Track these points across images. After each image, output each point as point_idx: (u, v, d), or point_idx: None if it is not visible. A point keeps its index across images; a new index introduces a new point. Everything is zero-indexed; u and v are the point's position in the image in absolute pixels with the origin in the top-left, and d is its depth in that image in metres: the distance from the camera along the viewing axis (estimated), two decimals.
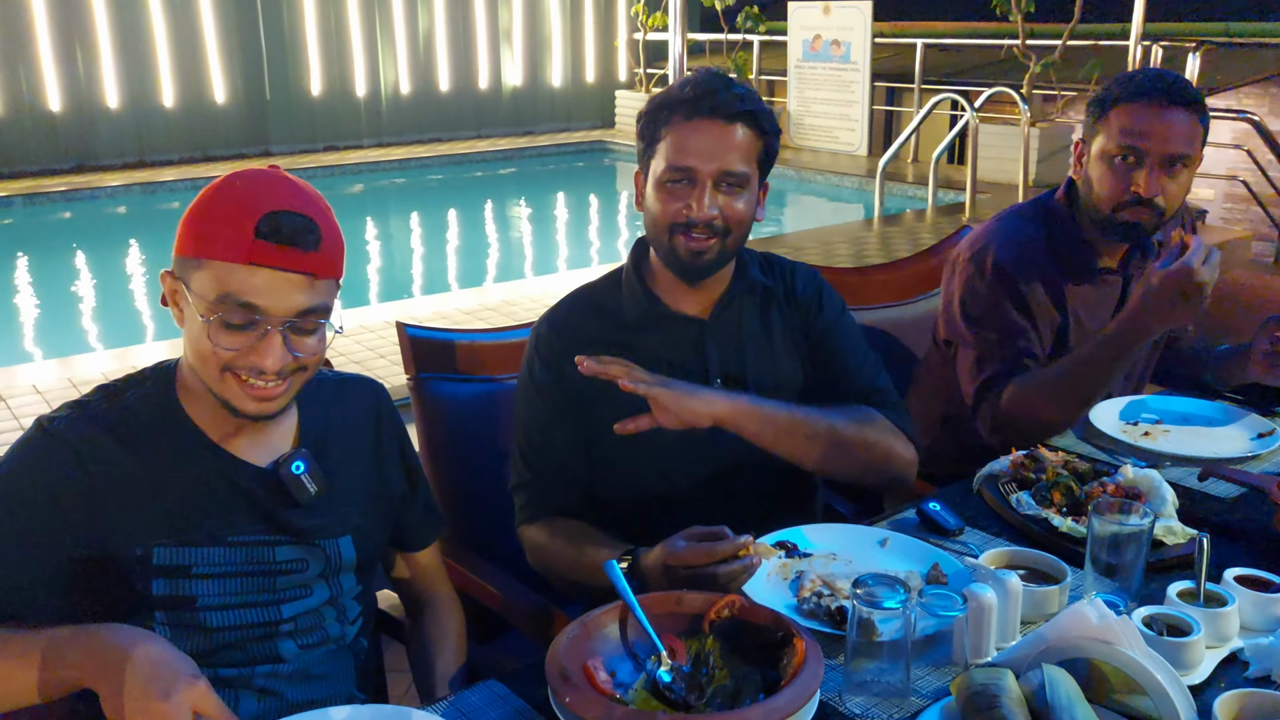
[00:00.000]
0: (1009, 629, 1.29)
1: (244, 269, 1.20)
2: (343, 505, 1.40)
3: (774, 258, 1.80)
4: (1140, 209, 1.92)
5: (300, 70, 10.34)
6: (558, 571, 1.61)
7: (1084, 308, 2.04)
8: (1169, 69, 6.99)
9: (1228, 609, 1.30)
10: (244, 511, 1.32)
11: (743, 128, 1.57)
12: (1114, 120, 1.93)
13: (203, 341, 1.23)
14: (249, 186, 1.24)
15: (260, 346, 1.23)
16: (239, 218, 1.20)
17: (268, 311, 1.22)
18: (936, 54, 9.75)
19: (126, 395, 1.31)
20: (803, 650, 1.15)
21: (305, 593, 1.37)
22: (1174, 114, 1.89)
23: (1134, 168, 1.91)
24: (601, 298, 1.71)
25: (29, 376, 4.13)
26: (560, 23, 11.99)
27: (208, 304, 1.21)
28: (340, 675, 1.43)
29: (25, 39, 8.91)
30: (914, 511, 1.65)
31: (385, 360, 4.06)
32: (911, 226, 6.73)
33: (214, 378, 1.25)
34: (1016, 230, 2.05)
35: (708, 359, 1.67)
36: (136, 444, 1.28)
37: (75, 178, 8.95)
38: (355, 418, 1.47)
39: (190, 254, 1.23)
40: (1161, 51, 7.06)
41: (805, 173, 9.35)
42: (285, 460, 1.33)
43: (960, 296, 2.05)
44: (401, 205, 9.82)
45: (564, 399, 1.64)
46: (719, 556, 1.30)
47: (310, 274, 1.23)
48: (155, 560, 1.27)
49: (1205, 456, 1.82)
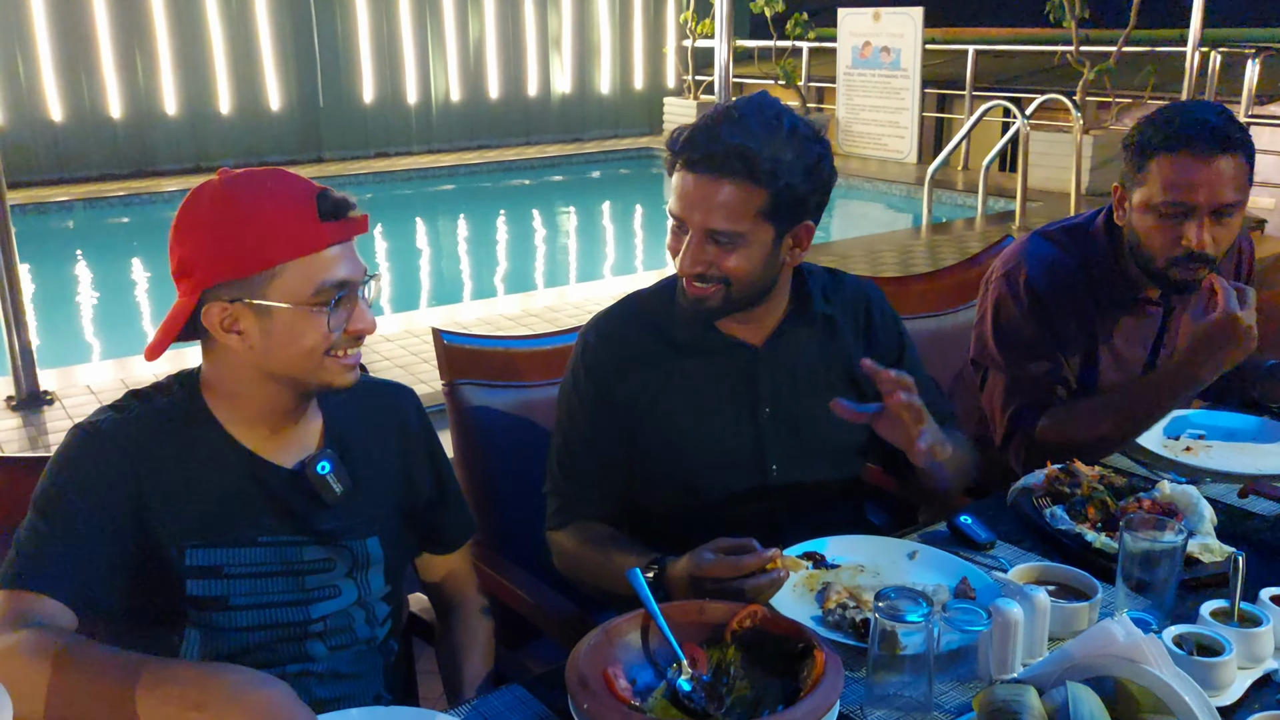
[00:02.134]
0: (1036, 645, 1.28)
1: (324, 254, 1.25)
2: (369, 506, 1.42)
3: (843, 278, 1.75)
4: (1193, 265, 1.83)
5: (353, 78, 10.50)
6: (584, 577, 1.61)
7: (1121, 337, 1.99)
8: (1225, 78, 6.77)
9: (1262, 629, 1.27)
10: (272, 512, 1.35)
11: (731, 185, 1.45)
12: (1156, 171, 1.82)
13: (311, 336, 1.26)
14: (276, 187, 1.26)
15: (357, 314, 1.30)
16: (297, 212, 1.24)
17: (352, 281, 1.28)
18: (988, 60, 9.64)
19: (156, 400, 1.34)
20: (822, 662, 1.15)
21: (334, 592, 1.39)
22: (1220, 162, 1.78)
23: (1183, 219, 1.81)
24: (654, 311, 1.65)
25: (85, 377, 4.24)
26: (609, 30, 12.04)
27: (309, 298, 1.24)
28: (369, 676, 1.45)
29: (87, 48, 9.16)
30: (945, 524, 1.63)
31: (429, 365, 4.11)
32: (960, 235, 6.66)
33: (315, 366, 1.29)
34: (1050, 254, 2.00)
35: (758, 389, 1.63)
36: (172, 445, 1.30)
37: (134, 183, 9.17)
38: (384, 421, 1.48)
39: (254, 270, 1.23)
40: (1219, 58, 6.92)
41: (853, 180, 9.29)
42: (311, 461, 1.36)
43: (992, 317, 2.01)
44: (450, 211, 9.93)
45: (607, 411, 1.63)
46: (746, 570, 1.30)
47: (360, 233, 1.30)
48: (188, 561, 1.30)
49: (1247, 473, 1.78)
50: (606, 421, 1.63)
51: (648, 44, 12.31)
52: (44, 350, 4.39)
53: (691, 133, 1.49)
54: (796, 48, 10.52)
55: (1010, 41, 9.89)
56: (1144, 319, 2.00)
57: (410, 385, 1.58)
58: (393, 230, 8.88)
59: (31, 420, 3.74)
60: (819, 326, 1.67)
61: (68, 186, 8.98)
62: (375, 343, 4.47)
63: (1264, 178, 6.95)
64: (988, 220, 6.95)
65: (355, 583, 1.42)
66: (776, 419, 1.64)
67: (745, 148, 1.45)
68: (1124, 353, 2.00)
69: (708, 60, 11.09)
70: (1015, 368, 1.97)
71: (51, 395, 3.92)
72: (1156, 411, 1.86)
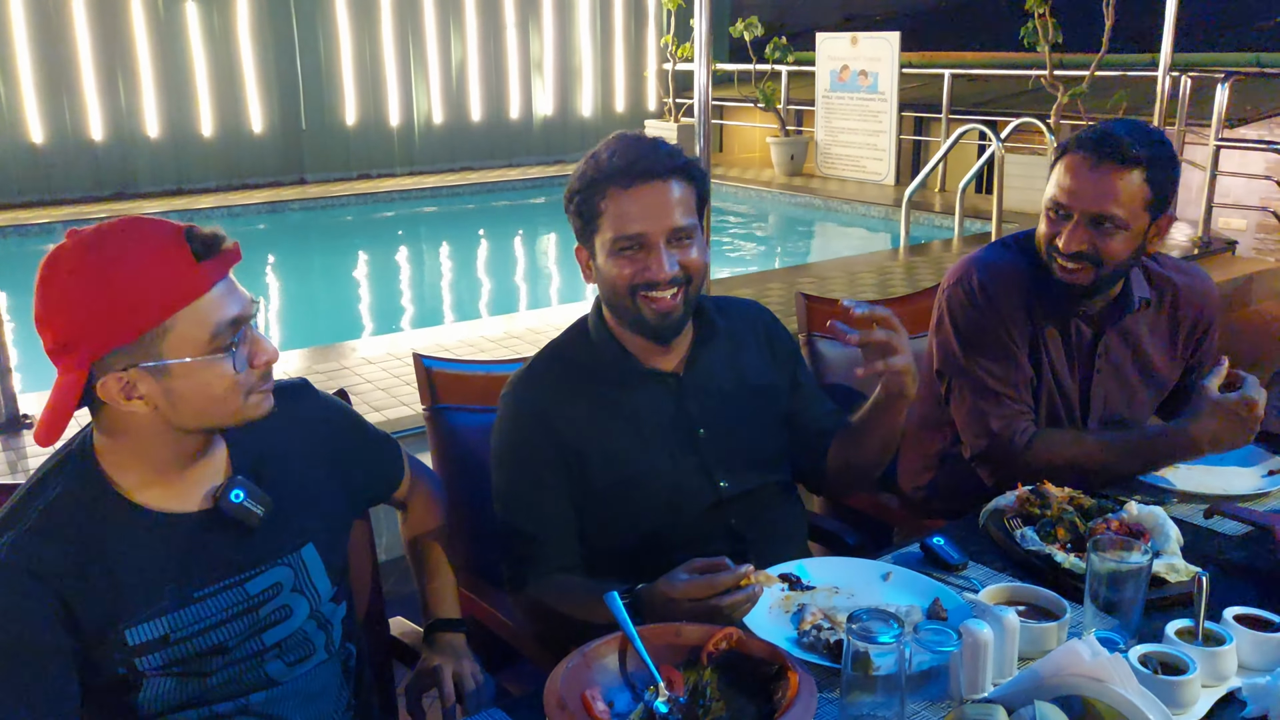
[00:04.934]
0: (1006, 665, 1.31)
1: (210, 295, 1.19)
2: (297, 517, 1.40)
3: (722, 299, 1.82)
4: (1066, 264, 1.89)
5: (335, 100, 10.53)
6: (560, 621, 1.58)
7: (1055, 348, 2.03)
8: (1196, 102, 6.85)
9: (1225, 648, 1.30)
10: (198, 564, 1.30)
11: (678, 182, 1.57)
12: (1055, 171, 1.91)
13: (221, 382, 1.22)
14: (136, 235, 1.19)
15: (258, 347, 1.25)
16: (171, 261, 1.17)
17: (243, 315, 1.24)
18: (964, 84, 9.76)
19: (49, 491, 1.25)
20: (796, 684, 1.17)
21: (286, 613, 1.38)
22: (1106, 172, 1.83)
23: (1061, 221, 1.89)
24: (576, 355, 1.70)
25: None
26: (591, 53, 12.13)
27: (207, 345, 1.20)
28: (333, 687, 1.45)
29: (69, 69, 9.15)
30: (918, 546, 1.66)
31: (410, 388, 4.10)
32: (938, 256, 6.72)
33: (237, 409, 1.26)
34: (999, 256, 2.05)
35: (690, 413, 1.68)
36: (78, 538, 1.23)
37: (115, 205, 9.14)
38: (292, 429, 1.43)
39: (142, 331, 1.17)
40: (1190, 82, 7.04)
41: (832, 202, 9.38)
42: (223, 491, 1.30)
43: (950, 322, 2.04)
44: (433, 232, 9.94)
45: (549, 462, 1.63)
46: (721, 588, 1.33)
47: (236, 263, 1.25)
48: (131, 640, 1.25)
49: (1214, 493, 1.82)
50: (555, 474, 1.64)
51: (629, 67, 12.41)
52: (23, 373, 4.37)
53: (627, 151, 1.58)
54: (775, 71, 10.62)
55: (985, 66, 10.01)
56: (1072, 335, 2.03)
57: (392, 407, 1.60)
58: (375, 252, 8.89)
59: (11, 444, 3.72)
60: (724, 341, 1.74)
61: (48, 208, 8.94)
62: (357, 365, 4.47)
63: (1235, 199, 7.06)
64: (965, 241, 7.02)
65: (304, 596, 1.40)
66: (712, 437, 1.69)
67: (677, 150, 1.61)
68: (1056, 364, 2.03)
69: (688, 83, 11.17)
70: (978, 368, 1.99)
71: (31, 419, 3.90)
72: (1145, 465, 1.90)
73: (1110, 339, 2.04)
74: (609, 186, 1.56)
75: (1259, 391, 1.78)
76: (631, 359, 1.67)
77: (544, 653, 1.66)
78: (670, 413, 1.68)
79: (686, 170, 1.59)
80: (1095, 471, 1.88)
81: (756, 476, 1.72)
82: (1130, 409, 2.09)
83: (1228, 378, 1.83)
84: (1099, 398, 2.06)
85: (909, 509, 2.25)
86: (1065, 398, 2.05)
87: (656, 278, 1.56)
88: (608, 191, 1.56)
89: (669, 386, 1.69)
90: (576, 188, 1.60)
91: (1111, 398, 2.07)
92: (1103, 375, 2.05)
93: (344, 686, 1.48)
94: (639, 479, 1.65)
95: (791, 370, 1.81)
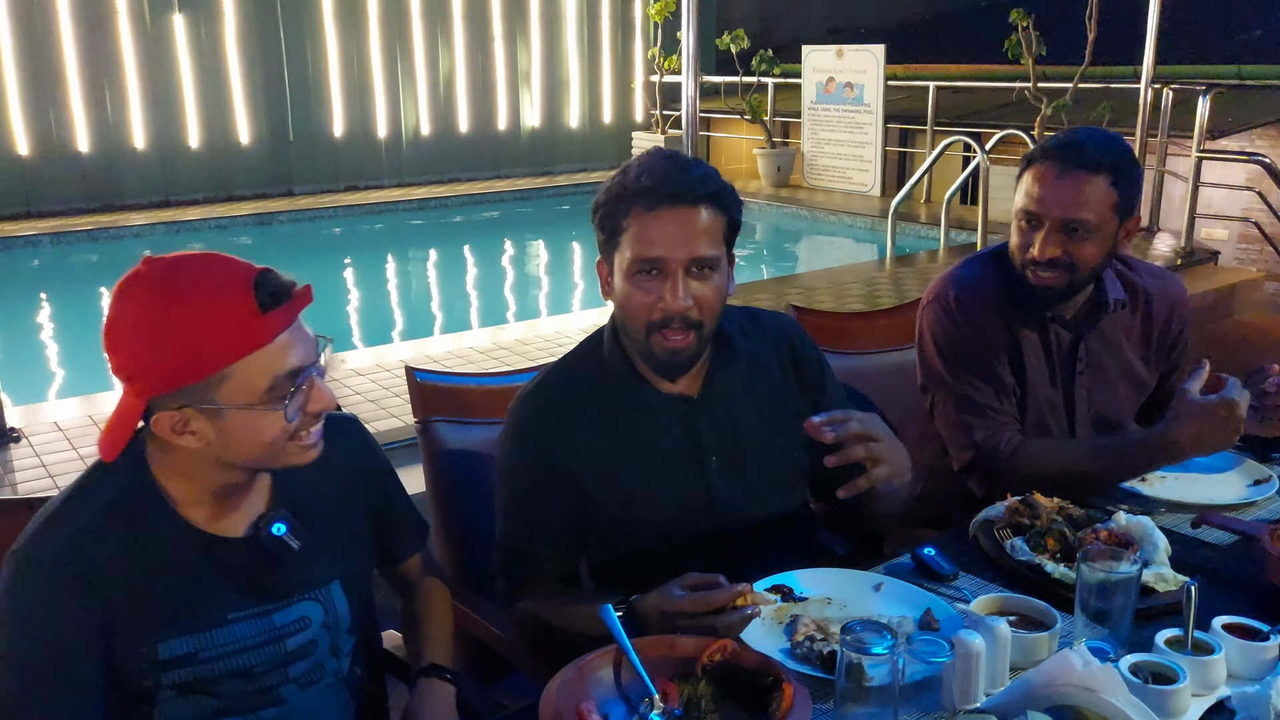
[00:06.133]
0: (998, 675, 1.31)
1: (272, 345, 1.19)
2: (327, 553, 1.41)
3: (758, 314, 1.77)
4: (1040, 270, 1.92)
5: (323, 112, 10.52)
6: (553, 635, 1.57)
7: (1032, 355, 2.05)
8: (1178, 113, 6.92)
9: (1214, 657, 1.31)
10: (235, 587, 1.32)
11: (706, 210, 1.51)
12: (1023, 181, 1.94)
13: (270, 430, 1.22)
14: (206, 281, 1.19)
15: (315, 394, 1.25)
16: (234, 309, 1.17)
17: (305, 364, 1.23)
18: (949, 96, 9.81)
19: (106, 491, 1.26)
20: (790, 695, 1.18)
21: (311, 649, 1.39)
22: (1074, 178, 1.87)
23: (1034, 230, 1.92)
24: (586, 376, 1.66)
25: (53, 414, 4.20)
26: (578, 65, 12.16)
27: (262, 396, 1.20)
28: (335, 705, 1.46)
29: (55, 82, 9.11)
30: (909, 556, 1.67)
31: (400, 400, 4.09)
32: (924, 267, 6.76)
33: (277, 453, 1.26)
34: (971, 274, 2.08)
35: (701, 440, 1.64)
36: (126, 542, 1.25)
37: (101, 217, 9.10)
38: (334, 463, 1.42)
39: (201, 378, 1.18)
40: (1172, 94, 7.10)
41: (818, 213, 9.42)
42: (265, 522, 1.33)
43: (931, 337, 2.07)
44: (421, 244, 9.94)
45: (553, 482, 1.61)
46: (716, 605, 1.32)
47: (301, 314, 1.25)
48: (162, 655, 1.27)
49: (1200, 503, 1.84)
50: (553, 493, 1.61)
51: (616, 79, 12.44)
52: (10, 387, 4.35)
53: (656, 172, 1.52)
54: (762, 83, 10.66)
55: (970, 78, 10.07)
56: (1050, 339, 2.05)
57: (381, 419, 1.61)
58: (363, 264, 8.88)
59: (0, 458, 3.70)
60: (744, 365, 1.67)
61: (34, 221, 8.89)
62: (346, 377, 4.46)
63: (1217, 210, 7.12)
64: (950, 252, 7.05)
65: (328, 630, 1.42)
66: (724, 466, 1.65)
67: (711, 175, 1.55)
68: (1037, 371, 2.05)
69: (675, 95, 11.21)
70: (961, 382, 2.01)
71: (19, 432, 3.88)
72: (1130, 470, 1.91)
73: (1089, 342, 2.06)
74: (634, 206, 1.51)
75: (1240, 393, 1.79)
76: (643, 381, 1.62)
77: (538, 666, 1.66)
78: (680, 439, 1.63)
79: (718, 198, 1.52)
80: (1081, 478, 1.90)
81: (765, 506, 1.68)
82: (1116, 409, 2.12)
83: (1209, 381, 1.85)
84: (1084, 401, 2.09)
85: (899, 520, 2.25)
86: (1050, 404, 2.07)
87: (670, 308, 1.51)
88: (632, 211, 1.52)
89: (682, 411, 1.64)
90: (602, 200, 1.57)
91: (1096, 400, 2.09)
92: (1085, 378, 2.08)
93: (348, 707, 1.49)
94: (639, 507, 1.62)
95: (815, 395, 1.72)
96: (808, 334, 1.80)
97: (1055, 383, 2.07)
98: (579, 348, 1.71)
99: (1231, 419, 1.78)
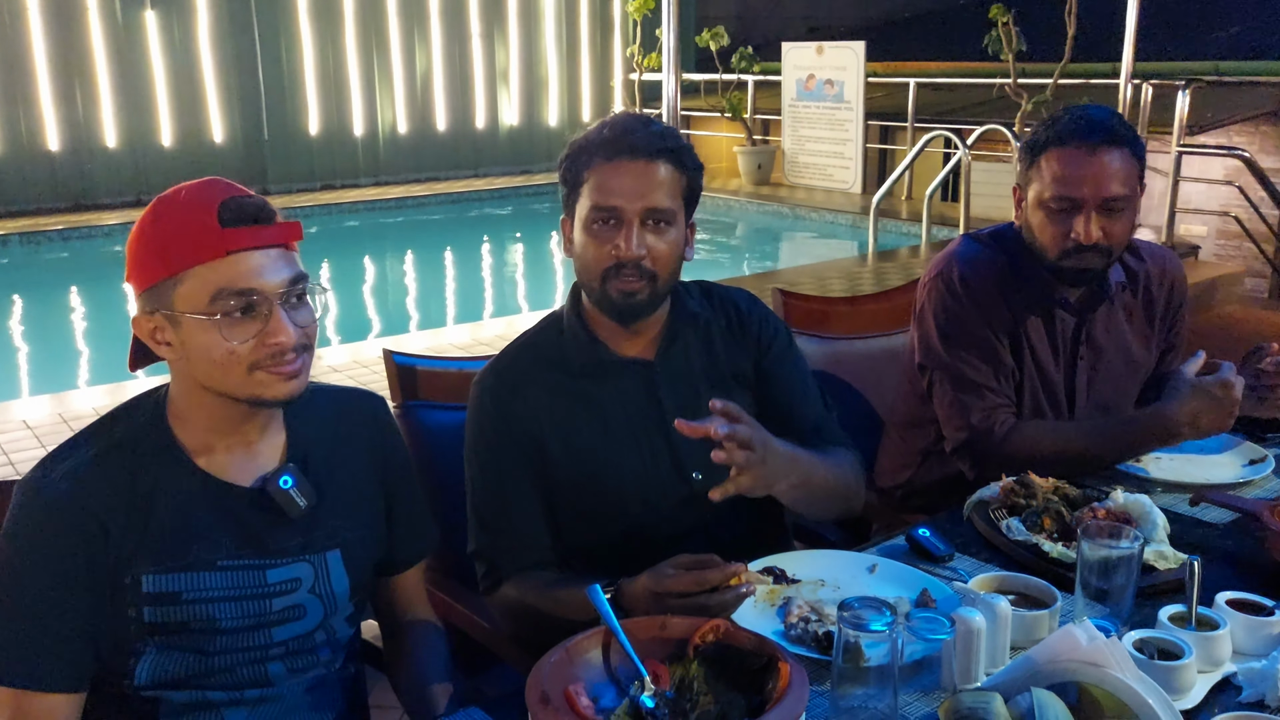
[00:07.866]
0: (998, 654, 1.28)
1: (224, 261, 1.21)
2: (331, 519, 1.39)
3: (712, 286, 1.78)
4: (1084, 255, 1.88)
5: (298, 110, 10.42)
6: (538, 620, 1.53)
7: (1037, 338, 2.02)
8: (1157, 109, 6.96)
9: (1219, 633, 1.28)
10: (232, 534, 1.31)
11: (665, 165, 1.55)
12: (1045, 168, 1.89)
13: (217, 348, 1.22)
14: (191, 194, 1.25)
15: (270, 328, 1.24)
16: (199, 218, 1.21)
17: (263, 290, 1.23)
18: (929, 93, 9.83)
19: (116, 431, 1.30)
20: (787, 674, 1.13)
21: (299, 613, 1.35)
22: (1105, 155, 1.84)
23: (1072, 214, 1.86)
24: (544, 345, 1.67)
25: (21, 412, 4.12)
26: (557, 64, 12.11)
27: (205, 307, 1.21)
28: (328, 704, 1.41)
29: (25, 79, 8.97)
30: (904, 538, 1.63)
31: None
32: (906, 262, 6.75)
33: (241, 381, 1.25)
34: (976, 252, 2.04)
35: (662, 403, 1.63)
36: (129, 476, 1.27)
37: (72, 216, 8.98)
38: (350, 431, 1.45)
39: (162, 277, 1.22)
40: (1151, 90, 7.13)
41: (799, 210, 9.40)
42: (273, 476, 1.32)
43: (932, 316, 2.03)
44: (398, 243, 9.85)
45: (519, 454, 1.60)
46: (710, 584, 1.29)
47: (282, 245, 1.26)
48: (145, 588, 1.26)
49: (1196, 483, 1.81)
50: (521, 465, 1.60)
51: (595, 77, 12.40)
52: None
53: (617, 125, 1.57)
54: (742, 81, 10.65)
55: (950, 74, 10.09)
56: (1055, 323, 2.02)
57: None
58: (340, 263, 8.78)
59: None
60: (700, 328, 1.69)
61: (3, 220, 8.75)
62: (323, 374, 4.40)
63: (1196, 205, 7.15)
64: (932, 248, 7.05)
65: (320, 600, 1.37)
66: None
67: (670, 133, 1.58)
68: (1040, 355, 2.02)
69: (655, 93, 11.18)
70: (959, 361, 1.98)
71: None
72: (1125, 451, 1.89)
73: (1093, 325, 2.03)
74: (594, 157, 1.56)
75: (1236, 377, 1.77)
76: (601, 345, 1.63)
77: (522, 655, 1.61)
78: (641, 403, 1.63)
79: (676, 155, 1.56)
80: (1076, 459, 1.86)
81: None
82: (1116, 395, 2.08)
83: (1205, 367, 1.83)
84: (1084, 385, 2.05)
85: (888, 505, 2.22)
86: (1051, 388, 2.03)
87: (624, 255, 1.52)
88: (593, 162, 1.56)
89: (640, 375, 1.64)
90: (567, 154, 1.61)
91: (1097, 385, 2.06)
92: (1087, 362, 2.05)
93: (338, 705, 1.44)
94: (604, 472, 1.61)
95: (755, 357, 1.72)
96: (763, 303, 1.79)
97: (1059, 367, 2.04)
98: (537, 325, 1.72)
99: (1227, 399, 1.76)
